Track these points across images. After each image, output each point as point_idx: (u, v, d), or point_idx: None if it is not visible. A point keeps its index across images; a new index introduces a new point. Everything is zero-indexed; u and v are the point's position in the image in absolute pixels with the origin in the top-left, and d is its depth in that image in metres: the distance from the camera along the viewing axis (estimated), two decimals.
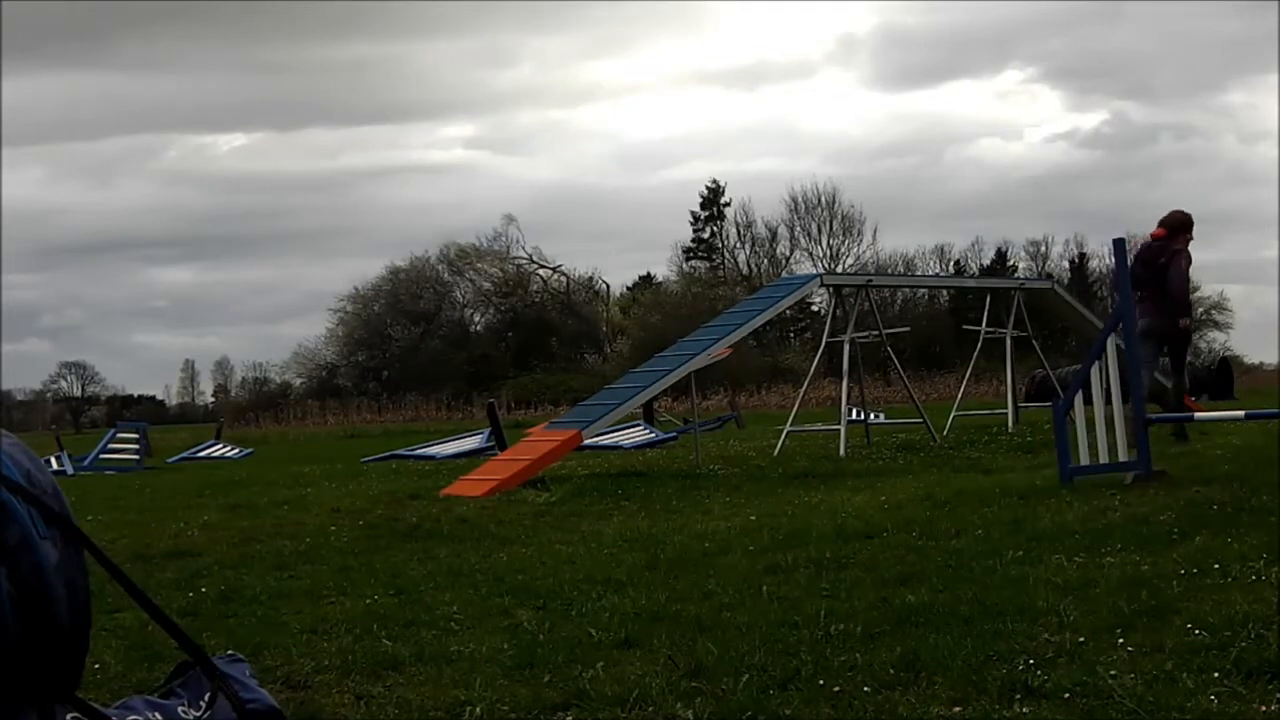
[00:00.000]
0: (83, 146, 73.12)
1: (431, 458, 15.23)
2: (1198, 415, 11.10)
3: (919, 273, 54.14)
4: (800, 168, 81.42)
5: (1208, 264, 55.58)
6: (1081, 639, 3.18)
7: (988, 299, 16.66)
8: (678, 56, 71.23)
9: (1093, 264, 56.98)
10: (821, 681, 2.92)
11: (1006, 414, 15.49)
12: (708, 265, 55.52)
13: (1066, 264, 57.53)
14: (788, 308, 17.70)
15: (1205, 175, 66.02)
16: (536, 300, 53.81)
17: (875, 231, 53.91)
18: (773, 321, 28.17)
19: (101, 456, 18.20)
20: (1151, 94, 67.98)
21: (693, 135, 69.72)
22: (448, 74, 68.83)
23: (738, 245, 55.68)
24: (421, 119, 74.29)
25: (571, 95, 74.50)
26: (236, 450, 22.01)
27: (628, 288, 56.78)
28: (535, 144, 71.85)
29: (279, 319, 74.84)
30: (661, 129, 71.20)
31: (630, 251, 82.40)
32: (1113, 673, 2.82)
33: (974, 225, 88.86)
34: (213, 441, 23.09)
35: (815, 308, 39.75)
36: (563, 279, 54.35)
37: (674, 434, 17.07)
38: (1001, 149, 69.13)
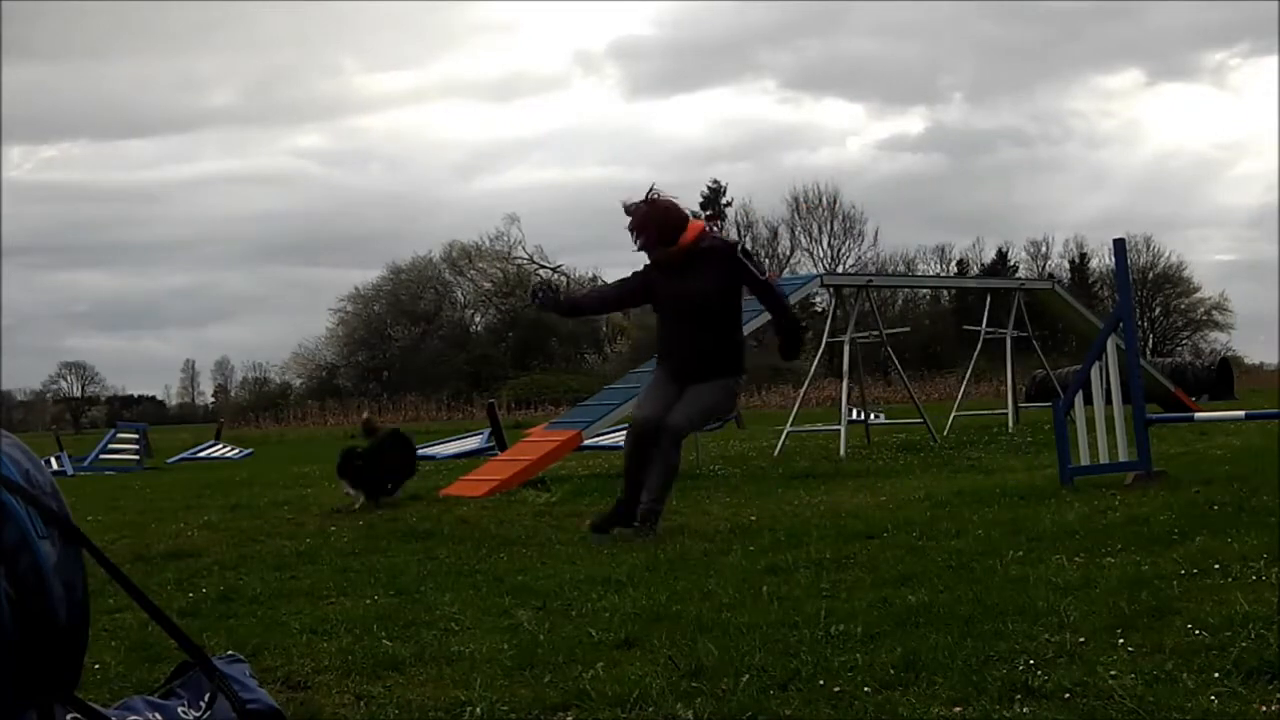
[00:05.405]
0: None
1: (431, 458, 15.22)
2: (1198, 415, 11.11)
3: (920, 273, 54.06)
4: (637, 174, 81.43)
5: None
6: (1081, 639, 3.18)
7: (988, 299, 16.65)
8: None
9: (1093, 264, 56.97)
10: (821, 681, 2.92)
11: (1007, 414, 15.50)
12: None
13: (1067, 264, 57.48)
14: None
15: (1065, 180, 66.27)
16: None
17: (877, 233, 53.97)
18: None
19: (101, 457, 18.22)
20: (943, 99, 68.93)
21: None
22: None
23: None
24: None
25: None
26: (236, 450, 22.03)
27: None
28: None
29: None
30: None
31: None
32: (1113, 673, 2.82)
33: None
34: (213, 442, 23.12)
35: (818, 308, 39.72)
36: (563, 279, 54.33)
37: None
38: (840, 155, 69.77)
